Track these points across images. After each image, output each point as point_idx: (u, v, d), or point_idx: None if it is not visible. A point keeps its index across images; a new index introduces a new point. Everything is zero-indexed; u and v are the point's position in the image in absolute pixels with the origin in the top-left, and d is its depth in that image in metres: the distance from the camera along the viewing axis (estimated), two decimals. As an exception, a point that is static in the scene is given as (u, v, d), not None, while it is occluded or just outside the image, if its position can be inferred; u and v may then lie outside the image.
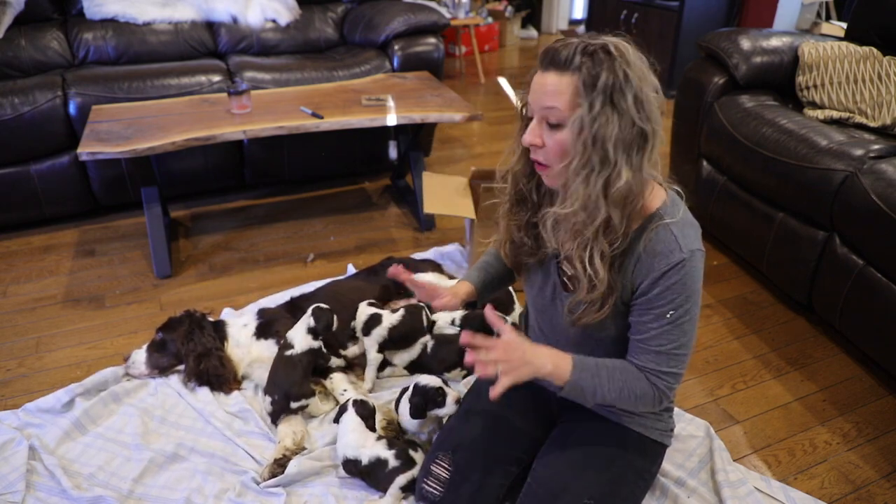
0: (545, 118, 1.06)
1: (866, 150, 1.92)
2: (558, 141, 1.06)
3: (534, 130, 1.08)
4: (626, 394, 1.14)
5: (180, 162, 2.78)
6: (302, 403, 1.65)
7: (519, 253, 1.28)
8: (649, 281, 1.10)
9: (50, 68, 2.86)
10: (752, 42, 2.43)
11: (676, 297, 1.09)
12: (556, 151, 1.07)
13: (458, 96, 2.63)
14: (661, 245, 1.09)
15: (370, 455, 1.47)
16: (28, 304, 2.23)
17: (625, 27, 4.66)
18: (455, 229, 2.72)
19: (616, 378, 1.14)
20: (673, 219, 1.10)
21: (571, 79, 1.02)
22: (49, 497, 1.46)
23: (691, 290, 1.10)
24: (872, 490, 1.54)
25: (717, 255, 2.54)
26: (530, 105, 1.09)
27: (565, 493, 1.22)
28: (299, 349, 1.70)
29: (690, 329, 1.12)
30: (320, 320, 1.73)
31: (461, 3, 4.95)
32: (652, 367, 1.14)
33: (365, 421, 1.54)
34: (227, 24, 3.21)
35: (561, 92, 1.03)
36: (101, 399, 1.73)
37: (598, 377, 1.14)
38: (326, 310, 1.76)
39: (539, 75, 1.07)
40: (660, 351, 1.12)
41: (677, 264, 1.07)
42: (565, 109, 1.03)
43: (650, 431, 1.32)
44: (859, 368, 1.93)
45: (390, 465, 1.45)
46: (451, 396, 1.47)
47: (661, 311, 1.10)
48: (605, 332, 1.20)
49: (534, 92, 1.07)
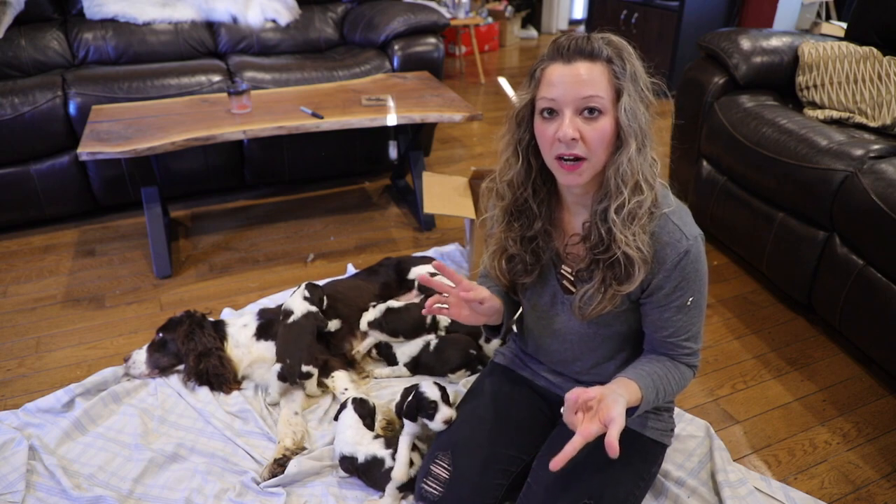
0: (584, 107, 1.04)
1: (866, 150, 1.91)
2: (601, 129, 1.04)
3: (572, 123, 1.04)
4: (679, 388, 1.20)
5: (180, 162, 2.78)
6: (311, 369, 1.71)
7: (515, 270, 1.26)
8: (663, 274, 1.12)
9: (50, 68, 2.86)
10: (752, 42, 2.43)
11: (693, 284, 1.14)
12: (599, 140, 1.05)
13: (458, 96, 2.63)
14: (667, 235, 1.11)
15: (366, 453, 1.48)
16: (28, 304, 2.23)
17: (625, 27, 4.66)
18: (455, 229, 2.72)
19: (671, 380, 1.18)
20: (670, 207, 1.13)
21: (604, 67, 1.04)
22: (49, 497, 1.46)
23: (703, 273, 1.15)
24: (872, 490, 1.54)
25: (717, 255, 2.54)
26: (558, 99, 1.05)
27: (565, 493, 1.22)
28: (299, 313, 1.80)
29: (704, 304, 1.19)
30: (313, 293, 1.86)
31: (461, 3, 4.95)
32: (685, 352, 1.19)
33: (363, 419, 1.55)
34: (227, 24, 3.21)
35: (598, 79, 1.03)
36: (101, 399, 1.73)
37: (657, 387, 1.15)
38: (318, 287, 1.89)
39: (564, 67, 1.05)
40: (689, 336, 1.18)
41: (686, 252, 1.11)
42: (606, 96, 1.04)
43: (650, 431, 1.32)
44: (859, 368, 1.93)
45: (386, 464, 1.45)
46: (443, 415, 1.41)
47: (681, 301, 1.14)
48: (613, 327, 1.22)
49: (562, 84, 1.04)
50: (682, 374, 1.20)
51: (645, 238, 1.09)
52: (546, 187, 1.20)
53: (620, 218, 1.07)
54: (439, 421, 1.40)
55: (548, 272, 1.26)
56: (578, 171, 1.07)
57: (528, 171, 1.17)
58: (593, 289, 1.15)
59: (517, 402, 1.42)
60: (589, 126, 1.04)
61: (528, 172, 1.17)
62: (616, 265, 1.11)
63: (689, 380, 1.22)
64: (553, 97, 1.05)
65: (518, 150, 1.16)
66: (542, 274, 1.27)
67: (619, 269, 1.11)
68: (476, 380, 1.55)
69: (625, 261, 1.10)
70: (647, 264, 1.10)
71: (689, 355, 1.20)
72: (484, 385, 1.48)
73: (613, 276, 1.12)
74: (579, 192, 1.16)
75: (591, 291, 1.16)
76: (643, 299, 1.17)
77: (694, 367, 1.22)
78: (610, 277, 1.13)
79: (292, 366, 1.70)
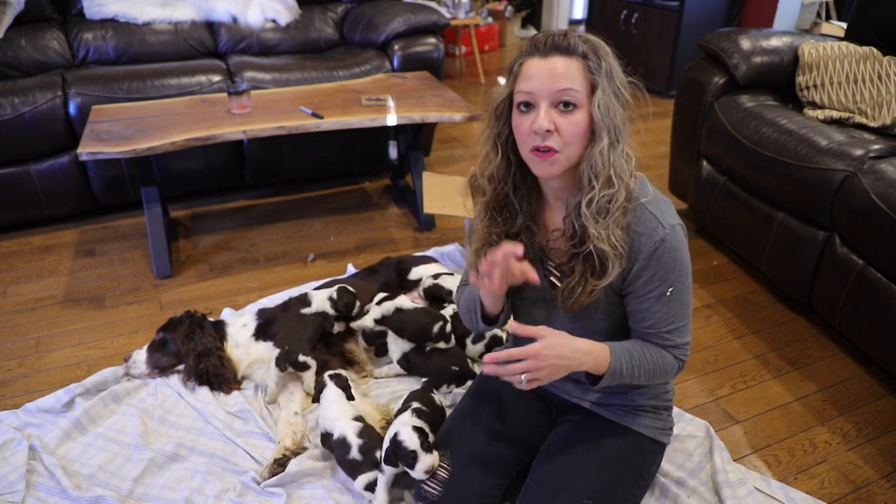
0: (558, 102, 1.06)
1: (866, 150, 1.91)
2: (576, 122, 1.06)
3: (548, 116, 1.06)
4: (658, 371, 1.18)
5: (180, 162, 2.78)
6: (306, 360, 1.73)
7: None
8: (640, 263, 1.13)
9: (50, 68, 2.86)
10: (752, 42, 2.43)
11: (671, 274, 1.13)
12: (574, 133, 1.06)
13: (457, 96, 2.63)
14: (643, 225, 1.12)
15: (340, 432, 1.49)
16: (28, 304, 2.23)
17: (625, 27, 4.66)
18: (455, 229, 2.72)
19: (648, 357, 1.17)
20: (647, 197, 1.13)
21: (580, 63, 1.06)
22: (49, 497, 1.46)
23: (682, 263, 1.14)
24: (872, 490, 1.54)
25: (717, 255, 2.54)
26: (534, 92, 1.06)
27: (564, 492, 1.22)
28: (314, 308, 1.84)
29: (689, 298, 1.18)
30: (342, 298, 1.87)
31: (461, 3, 4.95)
32: (668, 345, 1.18)
33: (344, 391, 1.59)
34: (227, 24, 3.21)
35: (574, 74, 1.05)
36: (101, 399, 1.73)
37: (632, 359, 1.16)
38: (351, 293, 1.89)
39: (541, 61, 1.07)
40: (671, 329, 1.17)
41: (662, 241, 1.11)
42: (581, 90, 1.05)
43: (649, 431, 1.32)
44: (859, 368, 1.93)
45: (352, 454, 1.45)
46: (423, 464, 1.31)
47: (660, 290, 1.14)
48: (597, 322, 1.22)
49: (538, 77, 1.06)
50: (663, 357, 1.18)
51: (619, 233, 1.10)
52: (526, 183, 1.20)
53: (591, 212, 1.09)
54: (420, 471, 1.31)
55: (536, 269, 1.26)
56: (551, 161, 1.08)
57: (508, 166, 1.18)
58: (574, 282, 1.16)
59: (516, 402, 1.42)
60: (564, 119, 1.06)
61: (507, 167, 1.18)
62: (590, 259, 1.12)
63: (674, 368, 1.20)
64: (529, 90, 1.07)
65: (497, 144, 1.17)
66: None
67: (594, 263, 1.12)
68: (474, 381, 1.55)
69: (599, 255, 1.11)
70: (621, 259, 1.11)
71: (673, 348, 1.19)
72: (483, 385, 1.48)
73: (590, 270, 1.13)
74: (557, 187, 1.16)
75: (572, 284, 1.17)
76: (624, 290, 1.18)
77: (679, 359, 1.20)
78: (588, 271, 1.14)
79: (290, 353, 1.72)
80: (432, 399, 1.58)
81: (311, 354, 1.76)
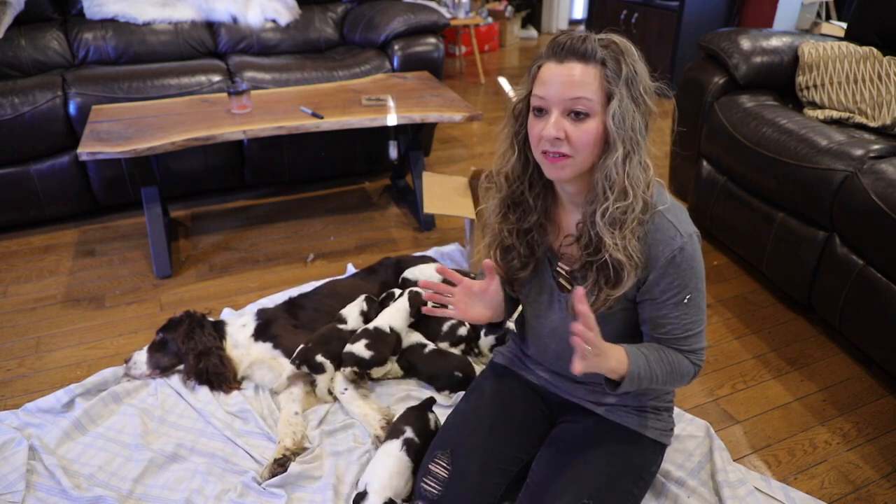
0: (570, 109, 1.05)
1: (866, 150, 1.91)
2: (588, 131, 1.05)
3: (557, 123, 1.05)
4: (675, 374, 1.18)
5: (180, 162, 2.78)
6: (325, 363, 1.73)
7: (510, 265, 1.26)
8: (657, 271, 1.12)
9: (50, 68, 2.86)
10: (752, 42, 2.43)
11: (689, 281, 1.13)
12: (585, 142, 1.05)
13: (458, 96, 2.63)
14: (661, 233, 1.12)
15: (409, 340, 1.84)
16: (28, 304, 2.23)
17: (625, 27, 4.66)
18: (455, 229, 2.72)
19: (664, 360, 1.17)
20: (665, 205, 1.13)
21: (597, 69, 1.04)
22: (49, 497, 1.46)
23: (699, 270, 1.15)
24: (872, 490, 1.54)
25: (717, 255, 2.54)
26: (548, 98, 1.06)
27: (564, 492, 1.22)
28: (350, 326, 1.88)
29: (704, 304, 1.19)
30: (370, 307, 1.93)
31: (461, 3, 4.95)
32: (686, 349, 1.18)
33: (412, 308, 1.86)
34: (227, 24, 3.21)
35: (589, 82, 1.04)
36: (101, 399, 1.73)
37: (649, 362, 1.15)
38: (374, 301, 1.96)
39: (556, 66, 1.05)
40: (688, 335, 1.17)
41: (681, 249, 1.11)
42: (595, 99, 1.04)
43: (649, 431, 1.32)
44: (859, 368, 1.93)
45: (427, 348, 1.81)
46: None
47: (678, 298, 1.14)
48: (609, 326, 1.21)
49: (553, 83, 1.05)
50: (679, 361, 1.18)
51: (635, 244, 1.09)
52: (542, 182, 1.20)
53: (606, 222, 1.08)
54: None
55: (544, 270, 1.26)
56: (561, 165, 1.08)
57: (525, 165, 1.18)
58: (586, 290, 1.16)
59: (516, 401, 1.42)
60: (575, 127, 1.05)
61: (524, 166, 1.18)
62: (605, 268, 1.12)
63: (690, 371, 1.20)
64: (542, 96, 1.07)
65: (515, 143, 1.17)
66: (538, 271, 1.27)
67: (609, 273, 1.11)
68: (476, 380, 1.55)
69: (614, 265, 1.10)
70: (636, 269, 1.10)
71: (690, 353, 1.20)
72: (483, 385, 1.48)
73: (604, 278, 1.13)
74: (572, 191, 1.16)
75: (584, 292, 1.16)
76: (639, 298, 1.18)
77: (696, 364, 1.21)
78: (602, 280, 1.13)
79: (308, 350, 1.73)
80: (427, 423, 1.52)
81: (329, 359, 1.74)
